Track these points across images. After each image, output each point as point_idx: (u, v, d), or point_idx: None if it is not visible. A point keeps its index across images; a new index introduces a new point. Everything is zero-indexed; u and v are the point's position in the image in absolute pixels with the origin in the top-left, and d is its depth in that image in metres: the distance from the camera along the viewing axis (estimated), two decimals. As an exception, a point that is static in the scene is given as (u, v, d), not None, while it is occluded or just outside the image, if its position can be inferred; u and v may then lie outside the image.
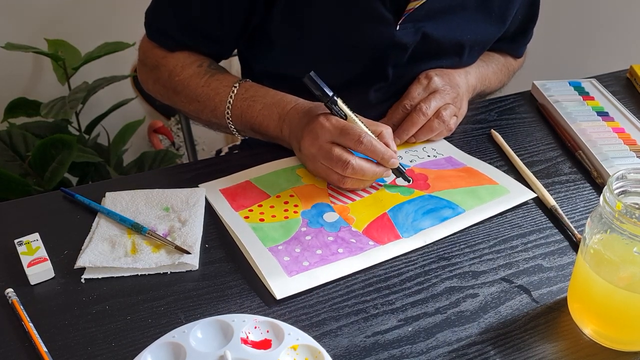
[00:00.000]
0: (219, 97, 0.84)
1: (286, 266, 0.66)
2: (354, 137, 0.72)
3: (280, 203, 0.75)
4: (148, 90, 0.95)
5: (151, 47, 0.91)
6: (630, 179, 0.57)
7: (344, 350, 0.58)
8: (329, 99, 0.73)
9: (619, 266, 0.55)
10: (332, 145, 0.73)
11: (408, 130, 0.85)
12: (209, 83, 0.85)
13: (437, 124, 0.85)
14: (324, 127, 0.73)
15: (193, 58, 0.89)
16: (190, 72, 0.87)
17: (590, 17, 1.71)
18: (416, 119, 0.85)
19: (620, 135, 0.89)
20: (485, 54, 1.02)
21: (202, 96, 0.85)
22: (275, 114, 0.80)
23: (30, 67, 1.79)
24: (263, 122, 0.81)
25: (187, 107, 0.88)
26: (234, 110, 0.83)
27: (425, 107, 0.85)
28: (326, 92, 0.73)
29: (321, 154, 0.74)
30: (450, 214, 0.74)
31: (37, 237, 0.68)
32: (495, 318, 0.61)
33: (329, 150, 0.73)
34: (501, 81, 1.06)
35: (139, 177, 0.84)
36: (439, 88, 0.87)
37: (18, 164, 1.47)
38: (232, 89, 0.83)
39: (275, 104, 0.81)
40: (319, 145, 0.74)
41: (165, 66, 0.89)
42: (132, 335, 0.59)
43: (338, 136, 0.73)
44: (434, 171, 0.81)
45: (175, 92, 0.88)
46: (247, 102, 0.82)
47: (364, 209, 0.75)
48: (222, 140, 2.13)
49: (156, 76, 0.90)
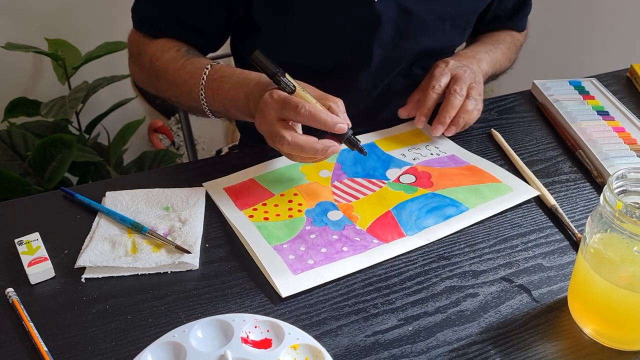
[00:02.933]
0: (193, 79, 0.84)
1: (291, 264, 0.66)
2: (293, 108, 0.70)
3: (284, 202, 0.75)
4: (137, 81, 0.96)
5: (136, 36, 0.92)
6: (630, 179, 0.57)
7: (344, 349, 0.58)
8: (274, 73, 0.72)
9: (619, 265, 0.55)
10: (276, 121, 0.71)
11: (449, 112, 0.84)
12: (184, 66, 0.85)
13: (470, 105, 0.85)
14: (267, 103, 0.72)
15: (172, 43, 0.89)
16: (168, 56, 0.87)
17: (590, 17, 1.71)
18: (453, 100, 0.84)
19: (621, 134, 0.89)
20: (490, 35, 1.04)
21: (179, 80, 0.85)
22: (242, 94, 0.79)
23: (31, 66, 1.79)
24: (233, 102, 0.81)
25: (168, 92, 0.89)
26: (207, 92, 0.83)
27: (458, 88, 0.85)
28: (270, 68, 0.72)
29: (267, 131, 0.72)
30: (453, 212, 0.74)
31: (37, 236, 0.68)
32: (496, 317, 0.61)
33: (271, 127, 0.71)
34: (510, 59, 1.06)
35: (139, 177, 0.83)
36: (459, 71, 0.87)
37: (18, 164, 1.47)
38: (204, 70, 0.83)
39: (241, 83, 0.80)
40: (266, 121, 0.72)
41: (146, 52, 0.90)
42: (132, 334, 0.59)
43: (280, 110, 0.71)
44: (437, 169, 0.82)
45: (157, 78, 0.89)
46: (216, 82, 0.82)
47: (367, 207, 0.75)
48: (222, 139, 2.13)
49: (141, 64, 0.91)
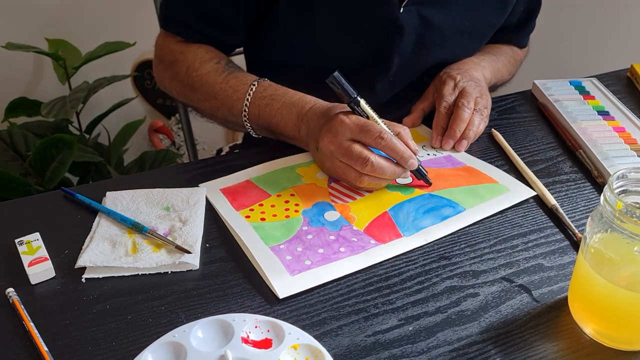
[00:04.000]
0: (237, 94, 0.84)
1: (288, 265, 0.66)
2: (374, 134, 0.72)
3: (281, 202, 0.75)
4: (164, 87, 0.95)
5: (169, 42, 0.91)
6: (630, 178, 0.57)
7: (344, 349, 0.58)
8: (352, 99, 0.73)
9: (619, 265, 0.55)
10: (351, 142, 0.73)
11: (459, 126, 0.85)
12: (227, 80, 0.85)
13: (477, 118, 0.86)
14: (344, 124, 0.73)
15: (211, 54, 0.89)
16: (209, 68, 0.87)
17: (590, 17, 1.71)
18: (462, 114, 0.85)
19: (621, 134, 0.89)
20: (493, 47, 1.04)
21: (220, 93, 0.85)
22: (294, 114, 0.80)
23: (31, 66, 1.79)
24: (281, 121, 0.81)
25: (204, 104, 0.88)
26: (252, 108, 0.83)
27: (465, 101, 0.86)
28: (349, 93, 0.73)
29: (340, 151, 0.73)
30: (450, 213, 0.74)
31: (37, 236, 0.68)
32: (496, 317, 0.61)
33: (348, 147, 0.72)
34: (511, 72, 1.08)
35: (139, 177, 0.83)
36: (466, 85, 0.88)
37: (19, 164, 1.47)
38: (250, 87, 0.83)
39: (294, 103, 0.81)
40: (338, 142, 0.73)
41: (183, 61, 0.89)
42: (132, 334, 0.59)
43: (358, 133, 0.72)
44: (434, 170, 0.81)
45: (193, 89, 0.88)
46: (265, 100, 0.82)
47: (364, 207, 0.75)
48: (223, 139, 2.13)
49: (173, 72, 0.90)
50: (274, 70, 0.92)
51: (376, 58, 0.90)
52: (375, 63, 0.91)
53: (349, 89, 0.73)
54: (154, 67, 0.96)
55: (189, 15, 0.88)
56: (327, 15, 0.86)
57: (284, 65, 0.93)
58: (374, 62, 0.91)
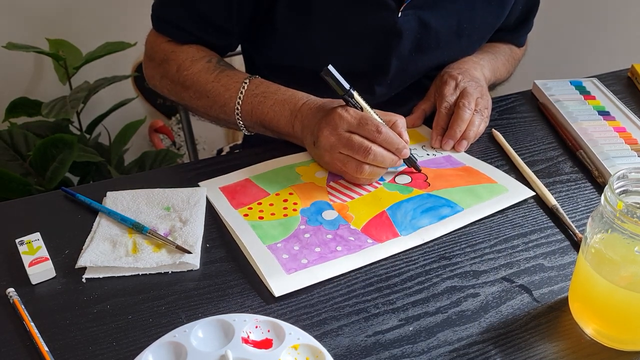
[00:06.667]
0: (229, 92, 0.84)
1: (285, 264, 0.66)
2: (372, 127, 0.74)
3: (279, 201, 0.75)
4: (154, 86, 0.94)
5: (160, 41, 0.91)
6: (631, 179, 0.57)
7: (344, 349, 0.58)
8: (347, 92, 0.75)
9: (620, 265, 0.55)
10: (351, 134, 0.74)
11: (459, 126, 0.85)
12: (219, 79, 0.85)
13: (477, 119, 0.86)
14: (343, 117, 0.75)
15: (202, 53, 0.89)
16: (200, 66, 0.87)
17: (591, 16, 1.71)
18: (463, 114, 0.85)
19: (622, 134, 0.89)
20: (492, 45, 1.04)
21: (212, 92, 0.85)
22: (287, 110, 0.81)
23: (32, 66, 1.79)
24: (274, 118, 0.82)
25: (196, 102, 0.88)
26: (244, 106, 0.83)
27: (466, 102, 0.86)
28: (344, 85, 0.74)
29: (342, 142, 0.75)
30: (448, 212, 0.74)
31: (38, 236, 0.68)
32: (496, 317, 0.61)
33: (349, 138, 0.74)
34: (509, 71, 1.08)
35: (139, 177, 0.83)
36: (467, 85, 0.89)
37: (19, 164, 1.47)
38: (242, 85, 0.83)
39: (287, 100, 0.81)
40: (338, 134, 0.75)
41: (174, 60, 0.88)
42: (133, 334, 0.59)
43: (357, 126, 0.74)
44: (433, 170, 0.82)
45: (184, 87, 0.88)
46: (257, 98, 0.83)
47: (362, 207, 0.75)
48: (223, 139, 2.13)
49: (164, 70, 0.90)
50: (273, 72, 0.92)
51: (374, 62, 0.90)
52: (373, 67, 0.91)
53: (343, 81, 0.74)
54: (144, 66, 0.95)
55: (182, 17, 0.87)
56: (326, 20, 0.86)
57: (282, 67, 0.93)
58: (372, 66, 0.91)
